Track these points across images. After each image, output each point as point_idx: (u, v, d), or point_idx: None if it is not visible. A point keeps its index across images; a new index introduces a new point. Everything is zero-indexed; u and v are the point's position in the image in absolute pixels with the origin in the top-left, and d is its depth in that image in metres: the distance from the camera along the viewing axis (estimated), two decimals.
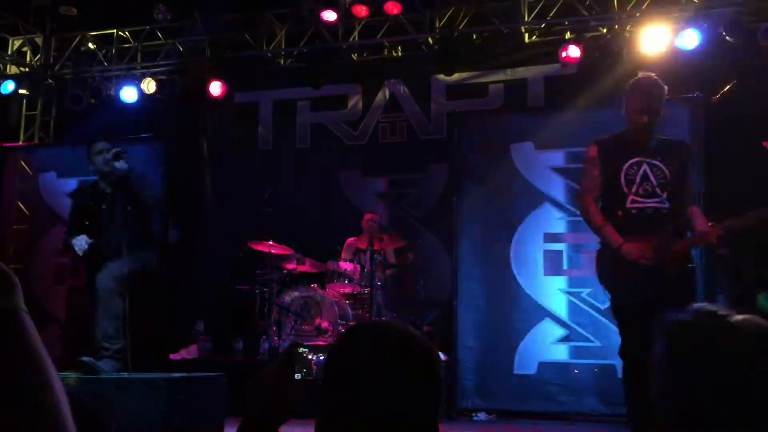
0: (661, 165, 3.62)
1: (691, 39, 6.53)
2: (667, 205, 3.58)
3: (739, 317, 1.16)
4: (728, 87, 3.75)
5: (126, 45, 8.48)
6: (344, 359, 1.31)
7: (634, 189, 3.59)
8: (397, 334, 1.34)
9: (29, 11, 8.37)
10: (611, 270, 3.59)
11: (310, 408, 1.29)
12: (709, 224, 3.49)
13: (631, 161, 3.63)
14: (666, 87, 3.66)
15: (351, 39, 7.89)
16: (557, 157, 6.35)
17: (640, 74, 3.78)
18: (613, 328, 3.92)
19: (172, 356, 6.53)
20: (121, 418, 3.24)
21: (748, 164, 6.17)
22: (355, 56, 8.17)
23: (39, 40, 8.67)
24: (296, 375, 1.36)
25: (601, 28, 7.16)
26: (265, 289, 6.79)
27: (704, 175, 5.71)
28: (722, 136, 6.11)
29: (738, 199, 3.60)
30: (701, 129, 5.91)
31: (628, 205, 3.59)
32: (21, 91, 8.52)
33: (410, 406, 1.26)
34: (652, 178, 3.60)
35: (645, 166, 3.61)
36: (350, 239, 7.16)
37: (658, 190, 3.59)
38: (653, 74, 3.75)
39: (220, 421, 3.84)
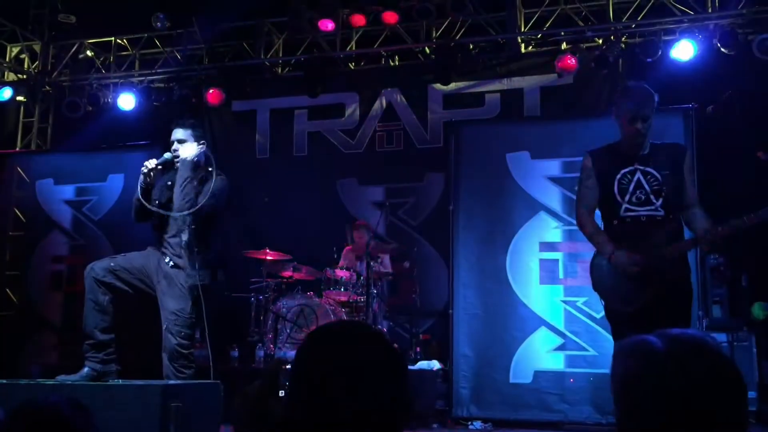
0: (653, 171, 3.63)
1: (686, 50, 6.58)
2: (662, 212, 3.59)
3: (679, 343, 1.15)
4: (724, 97, 3.74)
5: (124, 53, 8.51)
6: (309, 360, 1.33)
7: (627, 198, 3.61)
8: (360, 334, 1.35)
9: (28, 18, 8.40)
10: (604, 278, 3.61)
11: None
12: (713, 226, 3.49)
13: (623, 171, 3.64)
14: (656, 94, 3.66)
15: (348, 48, 7.93)
16: (553, 166, 6.38)
17: (629, 82, 3.80)
18: (609, 337, 3.94)
19: None
20: (115, 425, 3.24)
21: (742, 174, 6.21)
22: (352, 65, 8.21)
23: (37, 47, 8.70)
24: (281, 392, 1.37)
25: (596, 39, 7.22)
26: (261, 297, 6.79)
27: (698, 185, 5.73)
28: (717, 147, 6.15)
29: (732, 208, 3.61)
30: (696, 139, 5.94)
31: (623, 213, 3.61)
32: (19, 98, 8.55)
33: (374, 405, 1.28)
34: (645, 185, 3.61)
35: (638, 174, 3.63)
36: (347, 247, 7.17)
37: (652, 197, 3.60)
38: (642, 82, 3.76)
39: (216, 429, 3.84)
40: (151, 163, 4.21)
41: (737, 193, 5.76)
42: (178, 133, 4.33)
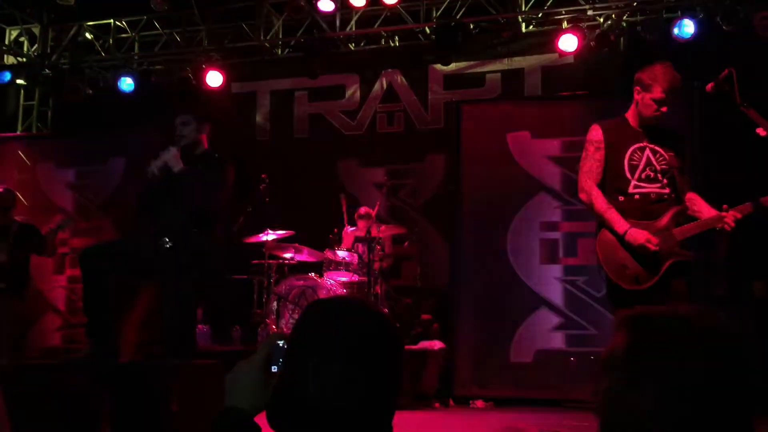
0: (662, 151, 3.61)
1: (687, 27, 6.54)
2: (668, 190, 3.58)
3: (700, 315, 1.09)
4: (724, 75, 3.70)
5: (123, 35, 8.47)
6: (304, 336, 1.33)
7: (636, 174, 3.58)
8: (354, 307, 1.35)
9: (27, 1, 8.37)
10: (613, 255, 3.55)
11: None
12: (724, 207, 3.48)
13: (634, 146, 3.62)
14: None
15: (348, 29, 7.89)
16: (554, 146, 6.37)
17: (661, 63, 3.61)
18: (609, 316, 3.93)
19: None
20: (118, 404, 3.27)
21: (744, 152, 6.18)
22: (352, 46, 8.17)
23: (36, 30, 8.67)
24: (273, 367, 1.36)
25: (597, 18, 7.16)
26: (262, 278, 6.81)
27: (701, 163, 5.72)
28: (718, 125, 6.12)
29: (735, 186, 3.60)
30: (698, 117, 5.92)
31: (631, 190, 3.58)
32: (18, 81, 8.53)
33: (369, 382, 1.28)
34: (654, 163, 3.59)
35: (648, 152, 3.61)
36: (349, 228, 7.18)
37: (660, 176, 3.58)
38: (670, 64, 3.61)
39: (217, 409, 3.87)
40: (171, 157, 4.15)
41: (740, 170, 5.74)
42: (181, 117, 4.35)
